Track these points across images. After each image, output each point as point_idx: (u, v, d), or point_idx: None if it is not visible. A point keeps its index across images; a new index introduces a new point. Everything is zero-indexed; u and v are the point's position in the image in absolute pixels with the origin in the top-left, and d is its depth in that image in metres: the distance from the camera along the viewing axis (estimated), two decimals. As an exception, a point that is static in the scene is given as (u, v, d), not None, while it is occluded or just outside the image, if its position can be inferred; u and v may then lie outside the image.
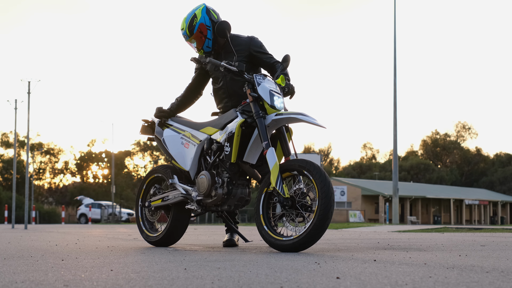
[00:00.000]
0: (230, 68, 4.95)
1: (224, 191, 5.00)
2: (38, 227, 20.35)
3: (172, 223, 5.45)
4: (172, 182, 5.42)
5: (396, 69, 33.87)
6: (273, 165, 4.62)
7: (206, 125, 5.35)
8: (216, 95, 5.60)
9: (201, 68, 5.63)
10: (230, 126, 4.97)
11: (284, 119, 4.76)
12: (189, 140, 5.39)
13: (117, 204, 50.10)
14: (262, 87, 4.85)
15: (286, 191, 4.59)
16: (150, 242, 5.63)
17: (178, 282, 2.56)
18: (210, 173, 5.07)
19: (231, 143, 4.91)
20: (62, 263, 3.57)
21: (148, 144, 76.87)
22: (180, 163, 5.44)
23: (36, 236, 9.60)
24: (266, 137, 4.73)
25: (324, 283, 2.52)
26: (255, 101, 4.85)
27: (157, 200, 5.57)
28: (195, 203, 5.21)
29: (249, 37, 5.49)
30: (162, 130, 5.64)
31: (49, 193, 71.09)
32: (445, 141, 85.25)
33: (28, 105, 22.11)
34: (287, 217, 4.64)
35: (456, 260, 3.79)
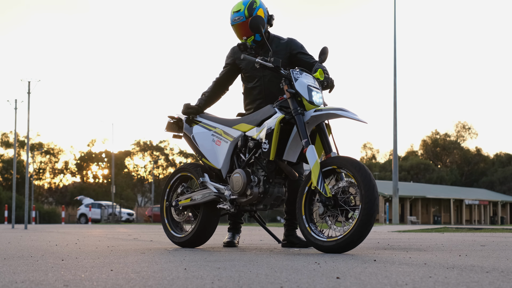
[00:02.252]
0: (265, 64, 4.79)
1: (261, 190, 4.85)
2: (38, 227, 20.35)
3: (201, 223, 5.26)
4: (203, 181, 5.24)
5: (396, 69, 33.89)
6: (314, 164, 4.48)
7: (239, 121, 5.18)
8: (249, 95, 5.46)
9: (233, 64, 5.47)
10: (268, 122, 4.79)
11: (324, 115, 4.61)
12: (221, 137, 5.23)
13: (117, 204, 50.08)
14: (299, 83, 4.71)
15: (328, 190, 4.45)
16: (176, 243, 5.45)
17: (178, 282, 2.56)
18: (245, 171, 4.91)
19: (269, 140, 4.73)
20: (62, 263, 3.57)
21: (148, 144, 76.92)
22: (211, 161, 5.28)
23: (36, 236, 9.60)
24: (305, 134, 4.59)
25: (324, 283, 2.52)
26: (293, 97, 4.71)
27: (185, 199, 5.38)
28: (228, 202, 5.04)
29: (289, 38, 5.39)
30: (191, 127, 5.47)
31: (49, 193, 71.08)
32: (445, 141, 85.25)
33: (28, 105, 22.11)
34: (329, 216, 4.49)
35: (456, 260, 3.79)
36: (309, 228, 4.55)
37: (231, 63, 5.49)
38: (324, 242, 4.42)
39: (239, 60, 5.39)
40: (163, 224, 5.59)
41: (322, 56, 5.02)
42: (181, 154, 78.24)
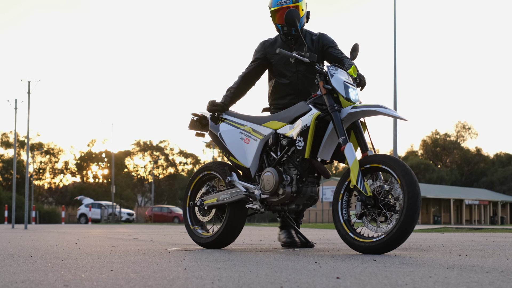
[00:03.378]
0: (301, 59, 4.67)
1: (293, 189, 4.70)
2: (38, 227, 20.35)
3: (228, 223, 5.09)
4: (231, 180, 5.07)
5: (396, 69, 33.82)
6: (353, 162, 4.35)
7: (269, 119, 5.02)
8: (279, 90, 5.34)
9: (263, 59, 5.33)
10: (303, 120, 4.63)
11: (360, 112, 4.48)
12: (250, 135, 5.07)
13: (117, 204, 50.07)
14: (335, 79, 4.59)
15: (368, 189, 4.30)
16: (200, 244, 5.27)
17: (178, 282, 2.56)
18: (277, 169, 4.76)
19: (305, 138, 4.57)
20: (62, 263, 3.57)
21: (148, 144, 76.93)
22: (239, 159, 5.11)
23: (36, 236, 9.60)
24: (343, 132, 4.46)
25: (324, 283, 2.52)
26: (329, 94, 4.58)
27: (212, 199, 5.20)
28: (258, 202, 4.89)
29: (321, 33, 5.28)
30: (217, 125, 5.29)
31: (49, 193, 71.09)
32: (445, 141, 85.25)
33: (28, 105, 22.12)
34: (367, 216, 4.35)
35: (456, 260, 3.79)
36: (346, 228, 4.40)
37: (261, 57, 5.34)
38: (363, 243, 4.28)
39: (270, 55, 5.25)
40: (186, 224, 5.42)
41: (354, 53, 4.91)
42: (181, 154, 78.26)
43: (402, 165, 4.21)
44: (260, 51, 5.36)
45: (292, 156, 4.76)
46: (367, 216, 4.35)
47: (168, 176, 77.07)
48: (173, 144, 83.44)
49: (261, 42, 5.39)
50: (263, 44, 5.37)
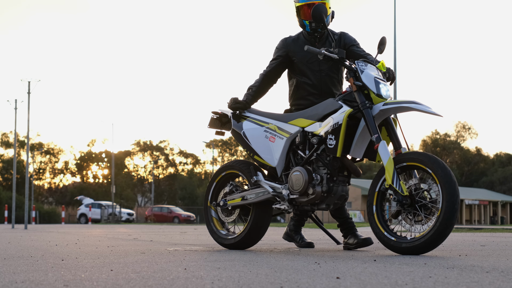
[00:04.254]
0: (330, 56, 4.55)
1: (324, 188, 4.56)
2: (38, 227, 20.35)
3: (253, 223, 4.92)
4: (257, 180, 4.91)
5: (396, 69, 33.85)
6: (388, 160, 4.22)
7: (296, 116, 4.87)
8: (301, 90, 5.18)
9: (285, 56, 5.19)
10: (335, 117, 4.50)
11: (392, 109, 4.36)
12: (276, 133, 4.92)
13: (117, 204, 50.07)
14: (366, 75, 4.46)
15: (404, 188, 4.17)
16: (224, 245, 5.11)
17: (178, 282, 2.56)
18: (306, 168, 4.62)
19: (336, 136, 4.44)
20: (62, 263, 3.57)
21: (148, 144, 76.96)
22: (265, 158, 4.95)
23: (36, 236, 9.60)
24: (375, 129, 4.33)
25: (324, 283, 2.52)
26: (359, 90, 4.46)
27: (236, 199, 5.02)
28: (287, 202, 4.74)
29: (342, 32, 5.17)
30: (240, 123, 5.14)
31: (49, 193, 71.11)
32: (445, 141, 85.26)
33: (28, 105, 22.12)
34: (403, 216, 4.23)
35: (456, 260, 3.79)
36: (382, 228, 4.29)
37: (283, 55, 5.19)
38: (400, 244, 4.16)
39: (292, 52, 5.13)
40: (208, 225, 5.25)
41: (382, 47, 4.78)
42: (181, 154, 78.28)
43: (441, 164, 4.07)
44: (281, 49, 5.21)
45: (321, 154, 4.62)
46: (403, 216, 4.23)
47: (168, 176, 77.08)
48: (173, 144, 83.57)
49: (282, 39, 5.26)
50: (284, 41, 5.23)
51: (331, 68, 5.09)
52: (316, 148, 4.64)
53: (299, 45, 5.14)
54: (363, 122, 4.47)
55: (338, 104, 4.58)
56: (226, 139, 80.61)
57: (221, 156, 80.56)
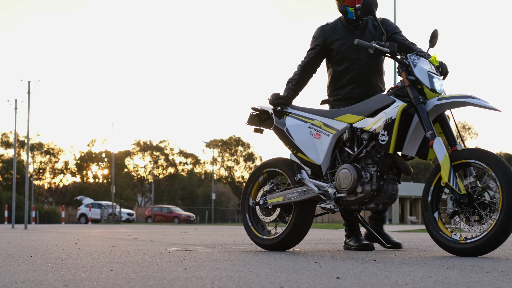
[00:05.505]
0: (382, 49, 4.42)
1: (373, 187, 4.38)
2: (38, 227, 20.35)
3: (295, 223, 4.72)
4: (301, 178, 4.72)
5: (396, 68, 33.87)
6: (443, 157, 4.07)
7: (343, 112, 4.68)
8: (338, 79, 5.06)
9: (322, 45, 5.04)
10: (388, 112, 4.32)
11: (447, 104, 4.19)
12: (321, 130, 4.73)
13: (117, 204, 50.08)
14: (419, 69, 4.30)
15: (461, 187, 4.01)
16: (262, 245, 4.90)
17: (178, 282, 2.56)
18: (354, 166, 4.44)
19: (389, 131, 4.27)
20: (62, 263, 3.57)
21: (148, 144, 76.96)
22: (309, 155, 4.76)
23: (36, 236, 9.60)
24: (430, 125, 4.17)
25: (324, 283, 2.52)
26: (412, 85, 4.29)
27: (277, 198, 4.81)
28: (333, 201, 4.56)
29: (383, 19, 5.01)
30: (283, 119, 4.94)
31: (49, 193, 71.11)
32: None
33: (28, 105, 22.13)
34: (460, 216, 4.07)
35: (456, 260, 3.79)
36: (438, 229, 4.13)
37: (321, 44, 5.05)
38: (457, 244, 4.01)
39: (330, 40, 5.00)
40: (246, 225, 5.04)
41: (434, 40, 4.60)
42: (181, 154, 78.30)
43: (499, 161, 3.94)
44: (319, 37, 5.07)
45: (371, 151, 4.45)
46: (460, 215, 4.07)
47: (168, 176, 77.08)
48: (173, 144, 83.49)
49: (319, 27, 5.11)
50: (322, 29, 5.08)
51: (370, 56, 4.95)
52: (365, 144, 4.46)
53: (337, 32, 5.01)
54: (416, 118, 4.31)
55: (390, 99, 4.42)
56: (226, 139, 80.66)
57: (221, 156, 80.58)
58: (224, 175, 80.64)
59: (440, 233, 4.10)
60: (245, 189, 5.13)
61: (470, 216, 4.03)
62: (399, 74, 4.40)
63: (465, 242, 3.98)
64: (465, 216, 4.05)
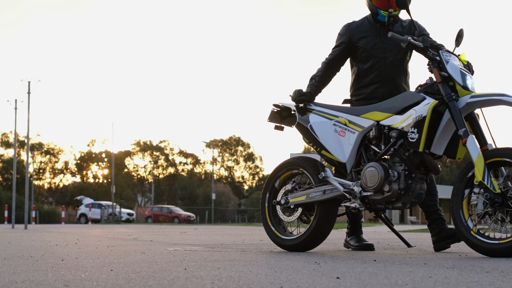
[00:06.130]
0: (415, 44, 4.36)
1: (401, 186, 4.29)
2: (38, 227, 20.35)
3: (318, 223, 4.62)
4: (325, 176, 4.62)
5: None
6: (477, 156, 3.98)
7: (369, 109, 4.59)
8: (362, 78, 4.98)
9: (348, 42, 4.96)
10: (418, 109, 4.25)
11: (479, 102, 4.12)
12: (346, 127, 4.64)
13: (117, 204, 50.07)
14: (451, 66, 4.24)
15: (496, 186, 3.92)
16: (283, 246, 4.80)
17: (178, 282, 2.56)
18: (381, 164, 4.35)
19: (419, 129, 4.19)
20: (62, 263, 3.57)
21: (148, 144, 76.97)
22: (333, 153, 4.67)
23: (36, 236, 9.60)
24: (463, 123, 4.09)
25: (324, 283, 2.52)
26: (444, 82, 4.23)
27: (299, 197, 4.70)
28: (358, 200, 4.47)
29: (411, 19, 4.85)
30: (306, 116, 4.84)
31: (49, 193, 71.11)
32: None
33: (28, 105, 22.13)
34: (492, 215, 3.98)
35: (456, 260, 3.79)
36: (468, 228, 4.05)
37: (346, 41, 4.97)
38: (489, 244, 3.92)
39: (355, 38, 4.93)
40: (266, 225, 4.94)
41: (459, 39, 4.52)
42: (181, 154, 78.30)
43: None
44: (344, 35, 4.99)
45: (399, 149, 4.37)
46: (492, 215, 3.99)
47: (168, 176, 77.09)
48: (173, 144, 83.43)
49: (345, 24, 5.05)
50: (348, 26, 5.02)
51: (397, 56, 4.91)
52: (393, 142, 4.38)
53: (363, 30, 4.95)
54: (446, 116, 4.24)
55: (420, 96, 4.33)
56: (226, 139, 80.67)
57: (221, 156, 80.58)
58: (224, 175, 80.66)
59: (471, 234, 4.02)
60: (264, 188, 5.03)
61: (504, 215, 3.95)
62: (430, 70, 4.34)
63: (497, 242, 3.88)
64: (498, 216, 3.97)
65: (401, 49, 4.86)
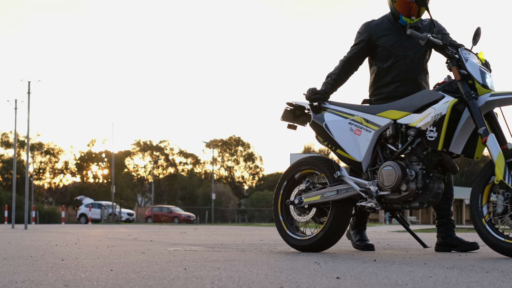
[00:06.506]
0: (434, 41, 4.34)
1: (419, 185, 4.25)
2: (38, 227, 20.36)
3: (332, 223, 4.56)
4: (341, 175, 4.58)
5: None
6: (498, 154, 3.96)
7: (386, 108, 4.55)
8: (382, 77, 4.93)
9: (367, 41, 4.91)
10: (437, 108, 4.20)
11: (498, 101, 4.09)
12: (362, 126, 4.60)
13: (117, 204, 50.08)
14: (470, 64, 4.20)
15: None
16: (296, 246, 4.75)
17: (178, 282, 2.56)
18: (398, 163, 4.31)
19: (438, 128, 4.15)
20: (62, 263, 3.57)
21: (148, 144, 76.97)
22: (349, 152, 4.62)
23: (36, 236, 9.60)
24: (482, 121, 4.05)
25: (324, 283, 2.52)
26: (463, 80, 4.19)
27: (314, 197, 4.65)
28: (375, 199, 4.42)
29: (431, 19, 4.81)
30: (320, 114, 4.79)
31: (49, 193, 71.11)
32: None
33: (28, 105, 22.14)
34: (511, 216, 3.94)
35: (456, 260, 3.79)
36: (489, 228, 3.98)
37: (366, 39, 4.92)
38: (497, 240, 3.89)
39: (375, 37, 4.88)
40: (278, 225, 4.88)
41: (476, 38, 4.48)
42: (181, 154, 78.31)
43: None
44: (364, 33, 4.94)
45: (416, 148, 4.33)
46: (510, 214, 3.95)
47: (168, 176, 77.10)
48: (173, 144, 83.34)
49: (364, 23, 5.01)
50: (367, 25, 4.98)
51: (417, 54, 4.87)
52: (411, 141, 4.34)
53: (383, 28, 4.91)
54: (465, 114, 4.20)
55: (438, 94, 4.29)
56: (226, 139, 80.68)
57: (221, 156, 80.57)
58: (224, 175, 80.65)
59: (491, 234, 3.96)
60: (277, 188, 4.96)
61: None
62: (449, 68, 4.31)
63: (505, 240, 3.87)
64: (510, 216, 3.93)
65: (421, 47, 4.82)
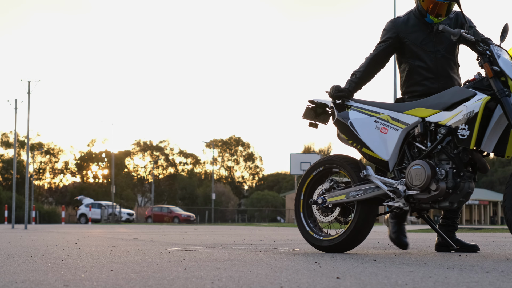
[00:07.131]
0: (466, 37, 4.24)
1: (449, 184, 4.16)
2: (38, 227, 20.35)
3: (357, 223, 4.48)
4: (367, 174, 4.47)
5: (396, 69, 33.87)
6: None
7: (413, 106, 4.47)
8: (414, 74, 4.80)
9: (395, 38, 4.81)
10: (469, 105, 4.11)
11: None
12: (388, 124, 4.51)
13: (117, 204, 50.07)
14: (503, 60, 4.13)
15: None
16: (319, 247, 4.66)
17: (178, 282, 2.56)
18: (427, 162, 4.22)
19: (471, 126, 4.06)
20: (62, 263, 3.57)
21: (148, 144, 76.96)
22: (375, 151, 4.52)
23: (36, 236, 9.60)
24: None
25: (324, 283, 2.52)
26: (496, 77, 4.11)
27: (338, 196, 4.56)
28: (403, 199, 4.33)
29: (458, 11, 4.76)
30: (345, 112, 4.70)
31: (49, 193, 71.11)
32: None
33: (28, 105, 22.13)
34: None
35: (456, 260, 3.79)
36: None
37: (393, 36, 4.81)
38: None
39: (403, 33, 4.78)
40: (300, 225, 4.80)
41: (504, 34, 4.39)
42: (181, 154, 78.30)
43: None
44: (391, 30, 4.84)
45: (446, 147, 4.24)
46: None
47: (168, 176, 77.10)
48: (173, 144, 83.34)
49: (391, 20, 4.92)
50: (394, 22, 4.88)
51: (447, 49, 4.78)
52: (441, 140, 4.24)
53: (411, 25, 4.81)
54: (497, 112, 4.10)
55: (470, 92, 4.19)
56: (226, 139, 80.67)
57: (221, 156, 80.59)
58: (224, 175, 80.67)
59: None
60: (299, 187, 4.87)
61: None
62: (480, 65, 4.23)
63: None
64: None
65: (450, 41, 4.73)
